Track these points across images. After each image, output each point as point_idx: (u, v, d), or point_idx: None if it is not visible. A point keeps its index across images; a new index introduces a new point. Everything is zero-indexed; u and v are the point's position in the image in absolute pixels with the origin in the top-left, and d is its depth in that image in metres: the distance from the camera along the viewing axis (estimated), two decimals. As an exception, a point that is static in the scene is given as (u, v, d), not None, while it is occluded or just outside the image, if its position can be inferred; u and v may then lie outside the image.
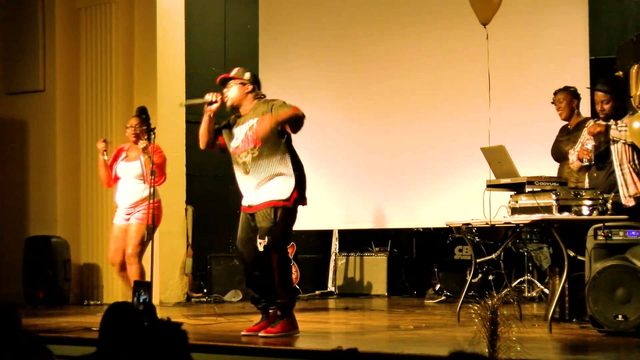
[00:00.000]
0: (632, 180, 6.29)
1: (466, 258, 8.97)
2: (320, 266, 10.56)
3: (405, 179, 9.57)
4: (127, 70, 9.56)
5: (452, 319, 6.81)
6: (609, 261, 5.75)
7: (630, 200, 6.25)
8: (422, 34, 9.57)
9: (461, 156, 9.01)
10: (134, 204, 7.61)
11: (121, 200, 7.67)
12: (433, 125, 9.49)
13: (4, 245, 9.73)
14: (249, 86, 6.10)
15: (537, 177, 6.42)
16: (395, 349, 5.10)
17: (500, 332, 4.06)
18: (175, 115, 9.58)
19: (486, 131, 6.58)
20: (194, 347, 3.11)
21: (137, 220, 7.56)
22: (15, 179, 9.86)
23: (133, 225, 7.56)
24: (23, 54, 9.78)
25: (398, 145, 9.70)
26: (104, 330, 3.19)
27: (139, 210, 7.56)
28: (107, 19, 9.58)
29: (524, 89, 8.80)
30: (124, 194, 7.65)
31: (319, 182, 9.86)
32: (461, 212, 7.26)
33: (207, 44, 10.54)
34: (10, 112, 9.93)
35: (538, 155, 7.61)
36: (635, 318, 5.58)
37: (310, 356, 5.17)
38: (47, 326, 6.87)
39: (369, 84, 9.91)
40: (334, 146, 9.79)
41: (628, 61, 7.25)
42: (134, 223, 7.57)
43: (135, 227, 7.54)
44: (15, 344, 3.15)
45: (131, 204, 7.62)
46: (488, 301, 4.08)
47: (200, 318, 7.47)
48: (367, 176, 9.87)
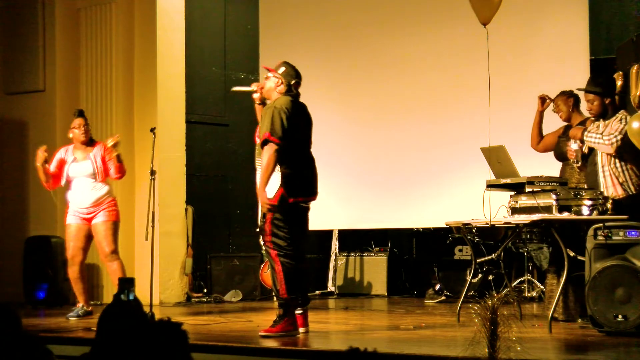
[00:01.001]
0: (612, 183, 6.45)
1: (466, 258, 8.98)
2: (320, 266, 10.56)
3: (405, 179, 9.57)
4: (127, 70, 9.56)
5: (452, 319, 6.81)
6: (609, 261, 5.76)
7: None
8: (422, 34, 9.56)
9: (461, 156, 9.01)
10: (94, 203, 7.63)
11: (79, 201, 7.66)
12: (433, 125, 9.49)
13: (4, 245, 9.73)
14: (278, 80, 6.17)
15: (537, 177, 6.42)
16: (395, 349, 5.10)
17: (500, 332, 4.06)
18: (175, 115, 9.59)
19: (486, 131, 6.58)
20: (194, 347, 3.11)
21: (106, 218, 7.60)
22: (15, 179, 9.87)
23: (103, 224, 7.59)
24: (23, 54, 9.79)
25: (398, 145, 9.70)
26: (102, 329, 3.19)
27: (104, 209, 7.62)
28: (107, 19, 9.58)
29: (524, 89, 8.79)
30: (81, 194, 7.65)
31: (319, 182, 9.85)
32: (461, 212, 7.26)
33: (207, 44, 10.54)
34: (10, 112, 9.93)
35: (538, 155, 7.61)
36: (635, 318, 5.59)
37: (311, 356, 5.18)
38: (47, 326, 6.88)
39: (369, 84, 9.91)
40: (334, 146, 9.78)
41: (628, 61, 7.25)
42: (102, 221, 7.60)
43: (106, 225, 7.59)
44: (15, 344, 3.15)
45: (91, 203, 7.63)
46: (488, 301, 4.08)
47: (200, 317, 7.46)
48: (368, 176, 9.87)
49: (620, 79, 6.91)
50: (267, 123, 5.96)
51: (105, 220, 7.60)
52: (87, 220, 7.64)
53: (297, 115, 6.09)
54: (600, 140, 6.39)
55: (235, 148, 10.62)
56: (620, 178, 6.44)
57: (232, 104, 10.62)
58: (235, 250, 10.44)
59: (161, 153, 9.11)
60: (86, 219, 7.64)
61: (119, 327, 3.07)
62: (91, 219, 7.63)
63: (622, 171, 6.43)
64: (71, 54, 9.74)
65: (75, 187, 7.69)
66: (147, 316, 3.22)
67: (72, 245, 7.68)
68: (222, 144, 10.57)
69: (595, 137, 6.43)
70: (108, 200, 7.65)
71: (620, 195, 6.38)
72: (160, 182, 8.79)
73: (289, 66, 6.25)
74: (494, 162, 6.66)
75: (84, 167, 7.67)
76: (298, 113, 6.11)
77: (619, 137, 6.31)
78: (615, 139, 6.33)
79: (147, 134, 7.66)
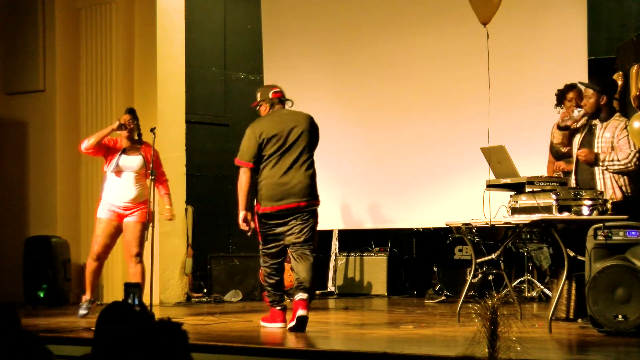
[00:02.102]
0: (611, 185, 6.47)
1: (466, 258, 8.97)
2: (320, 266, 10.55)
3: (405, 179, 9.57)
4: (127, 70, 9.55)
5: (452, 319, 6.81)
6: (609, 261, 5.75)
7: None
8: (422, 34, 9.56)
9: (461, 156, 9.00)
10: (135, 200, 7.56)
11: (121, 194, 7.55)
12: (433, 125, 9.48)
13: (4, 245, 9.73)
14: (262, 105, 6.76)
15: (537, 177, 6.42)
16: (395, 349, 5.09)
17: (500, 332, 4.05)
18: (175, 115, 9.59)
19: (486, 131, 6.57)
20: (194, 347, 3.11)
21: (139, 218, 7.53)
22: (15, 179, 9.86)
23: (135, 225, 7.52)
24: (23, 54, 9.78)
25: (398, 145, 9.70)
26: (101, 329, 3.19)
27: (141, 209, 7.54)
28: (107, 19, 9.58)
29: (524, 89, 8.80)
30: (124, 188, 7.55)
31: (319, 182, 9.84)
32: (461, 212, 7.26)
33: (207, 44, 10.54)
34: (10, 112, 9.93)
35: (538, 155, 7.60)
36: (635, 318, 5.59)
37: (311, 356, 5.18)
38: (47, 326, 6.88)
39: (369, 84, 9.91)
40: (334, 146, 9.78)
41: (628, 61, 7.25)
42: (135, 222, 7.52)
43: (139, 226, 7.51)
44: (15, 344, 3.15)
45: (132, 198, 7.56)
46: (488, 301, 4.08)
47: (200, 317, 7.46)
48: (367, 176, 9.86)
49: (620, 79, 6.92)
50: (240, 147, 6.68)
51: (138, 220, 7.51)
52: (120, 217, 7.55)
53: (273, 129, 6.49)
54: (622, 165, 6.42)
55: (236, 148, 10.52)
56: (619, 181, 6.44)
57: (232, 104, 10.62)
58: (235, 250, 10.44)
59: (161, 153, 9.08)
60: (120, 214, 7.55)
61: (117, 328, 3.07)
62: (125, 216, 7.54)
63: (623, 174, 6.44)
64: (71, 54, 9.74)
65: (119, 180, 7.56)
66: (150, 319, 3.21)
67: (100, 242, 7.59)
68: (222, 144, 10.57)
69: (617, 164, 6.43)
70: (145, 200, 7.55)
71: (619, 198, 6.39)
72: (160, 182, 8.78)
73: (262, 87, 6.98)
74: (494, 162, 6.66)
75: (135, 161, 7.59)
76: (274, 126, 6.51)
77: (636, 154, 6.37)
78: (634, 157, 6.38)
79: (147, 134, 7.66)
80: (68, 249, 9.34)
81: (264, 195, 6.47)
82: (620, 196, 6.42)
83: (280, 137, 6.47)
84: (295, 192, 6.44)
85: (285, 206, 6.43)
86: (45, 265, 9.14)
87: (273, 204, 6.43)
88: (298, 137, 6.49)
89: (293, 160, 6.47)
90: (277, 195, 6.43)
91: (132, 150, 7.64)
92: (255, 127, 6.55)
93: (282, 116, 6.58)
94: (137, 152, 7.64)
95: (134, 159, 7.61)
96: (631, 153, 6.40)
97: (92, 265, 7.67)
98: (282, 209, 6.43)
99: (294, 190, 6.44)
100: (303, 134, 6.50)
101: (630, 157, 6.40)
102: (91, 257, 7.68)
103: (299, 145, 6.49)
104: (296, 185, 6.45)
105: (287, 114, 6.61)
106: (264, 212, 6.46)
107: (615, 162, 6.43)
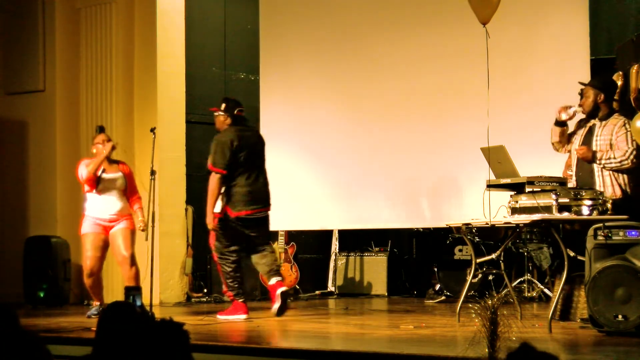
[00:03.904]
0: (610, 183, 6.46)
1: (466, 258, 8.97)
2: (320, 266, 10.55)
3: (405, 179, 9.55)
4: (127, 70, 9.55)
5: (452, 319, 6.81)
6: (609, 261, 5.75)
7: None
8: (421, 33, 9.55)
9: (461, 156, 8.99)
10: (120, 213, 7.76)
11: (105, 209, 7.74)
12: (433, 125, 9.47)
13: (4, 245, 9.73)
14: (223, 116, 7.56)
15: (537, 177, 6.41)
16: (395, 349, 5.10)
17: (500, 332, 4.06)
18: (175, 115, 9.59)
19: (486, 131, 6.57)
20: (194, 347, 3.10)
21: (126, 225, 7.76)
22: (15, 179, 9.87)
23: (123, 230, 7.72)
24: (23, 54, 9.79)
25: (398, 145, 9.68)
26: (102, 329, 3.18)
27: (126, 219, 7.79)
28: (107, 19, 9.58)
29: (524, 88, 8.78)
30: (108, 204, 7.74)
31: (319, 182, 9.87)
32: (461, 212, 7.25)
33: (207, 44, 10.53)
34: (10, 112, 9.93)
35: (538, 155, 7.60)
36: (635, 318, 5.58)
37: (311, 356, 5.17)
38: (47, 326, 6.88)
39: (369, 84, 9.89)
40: (334, 146, 9.78)
41: (628, 61, 7.24)
42: (123, 228, 7.73)
43: (127, 231, 7.73)
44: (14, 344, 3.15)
45: (117, 212, 7.75)
46: (488, 301, 4.08)
47: (200, 317, 7.46)
48: (367, 176, 9.85)
49: (620, 79, 6.91)
50: (211, 155, 7.38)
51: (126, 227, 7.75)
52: (106, 229, 7.75)
53: (240, 142, 7.39)
54: (617, 163, 6.41)
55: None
56: (619, 179, 6.45)
57: (232, 104, 10.60)
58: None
59: (161, 153, 9.11)
60: (106, 227, 7.75)
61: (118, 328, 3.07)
62: (111, 227, 7.74)
63: (622, 172, 6.44)
64: (71, 54, 9.74)
65: (103, 197, 7.74)
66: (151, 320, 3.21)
67: (91, 256, 7.75)
68: (222, 144, 10.55)
69: (614, 162, 6.43)
70: (129, 213, 7.85)
71: (618, 196, 6.39)
72: (160, 182, 8.79)
73: (229, 100, 7.67)
74: (494, 162, 6.65)
75: (116, 177, 7.79)
76: (241, 140, 7.41)
77: (633, 151, 6.37)
78: (631, 154, 6.37)
79: (147, 134, 7.67)
80: (68, 249, 9.34)
81: (237, 201, 7.35)
82: (620, 194, 6.41)
83: (248, 150, 7.42)
84: (263, 199, 7.49)
85: (257, 210, 7.42)
86: (45, 265, 9.15)
87: (247, 209, 7.36)
88: (260, 151, 7.59)
89: (258, 171, 7.49)
90: (250, 201, 7.39)
91: (111, 168, 7.82)
92: (226, 137, 7.39)
93: (245, 132, 7.57)
94: (116, 170, 7.84)
95: (115, 175, 7.80)
96: (628, 150, 6.39)
97: (89, 281, 7.85)
98: (254, 212, 7.40)
99: (262, 197, 7.48)
100: (262, 150, 7.64)
101: (628, 154, 6.39)
102: (85, 275, 7.86)
103: (260, 158, 7.58)
104: (263, 193, 7.50)
105: (248, 130, 7.67)
106: (237, 216, 7.33)
107: (611, 159, 6.43)
